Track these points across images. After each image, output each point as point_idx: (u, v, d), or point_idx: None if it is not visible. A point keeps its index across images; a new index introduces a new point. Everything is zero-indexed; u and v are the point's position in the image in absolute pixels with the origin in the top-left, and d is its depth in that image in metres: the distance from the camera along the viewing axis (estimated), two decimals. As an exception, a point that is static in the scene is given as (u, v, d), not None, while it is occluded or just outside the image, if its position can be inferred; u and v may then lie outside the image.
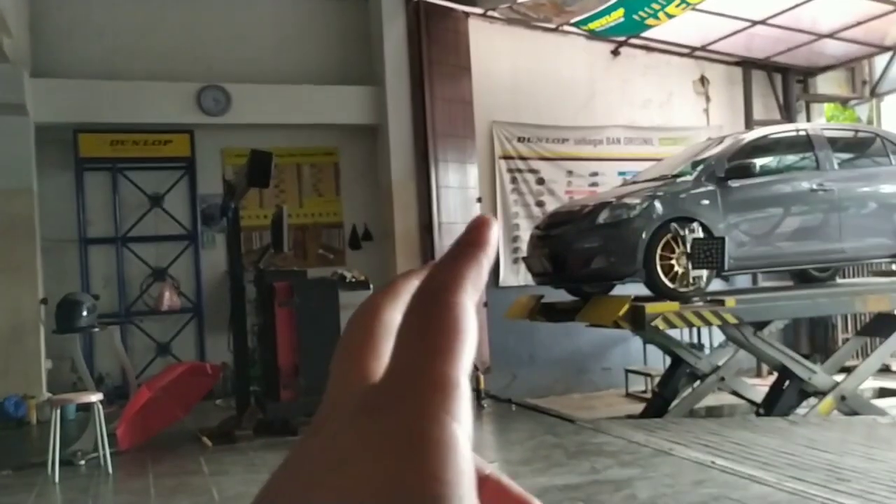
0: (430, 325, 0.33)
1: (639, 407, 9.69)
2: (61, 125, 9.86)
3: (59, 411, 6.62)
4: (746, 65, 12.67)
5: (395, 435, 0.30)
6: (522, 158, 11.81)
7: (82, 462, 6.88)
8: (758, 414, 8.39)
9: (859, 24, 10.93)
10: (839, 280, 10.01)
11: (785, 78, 12.84)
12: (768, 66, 12.70)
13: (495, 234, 0.37)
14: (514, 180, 11.81)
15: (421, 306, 0.34)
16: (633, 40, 11.90)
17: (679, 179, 8.11)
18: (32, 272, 9.45)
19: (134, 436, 7.22)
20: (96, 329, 7.94)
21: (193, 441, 7.48)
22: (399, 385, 0.32)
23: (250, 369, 8.48)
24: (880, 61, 12.21)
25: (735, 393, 8.95)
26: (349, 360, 0.36)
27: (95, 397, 6.77)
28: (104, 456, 6.59)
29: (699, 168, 8.13)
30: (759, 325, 8.34)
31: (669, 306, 7.51)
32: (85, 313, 7.73)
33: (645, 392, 10.79)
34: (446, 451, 0.29)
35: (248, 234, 10.20)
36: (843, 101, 12.88)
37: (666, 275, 7.60)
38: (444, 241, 10.56)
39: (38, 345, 9.37)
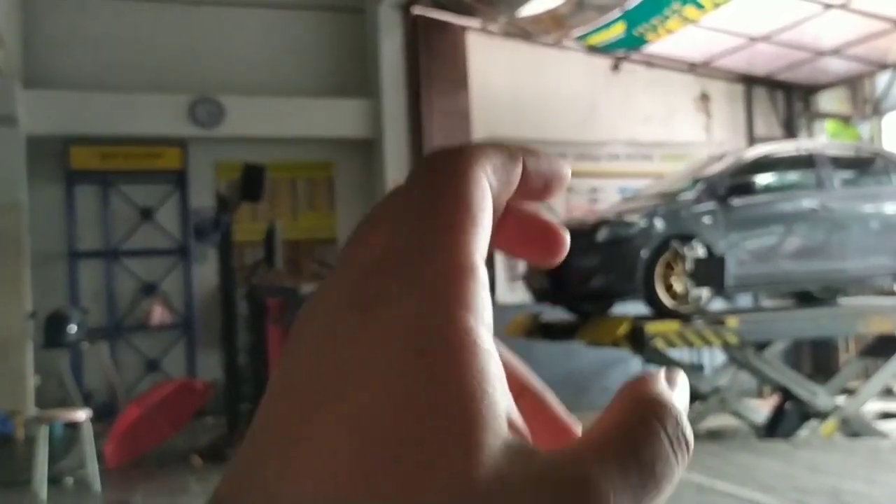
0: (433, 198, 0.28)
1: (638, 428, 9.57)
2: (52, 137, 9.79)
3: (46, 428, 6.52)
4: (748, 81, 12.63)
5: (400, 339, 0.25)
6: (520, 174, 11.73)
7: (70, 480, 6.83)
8: (759, 436, 8.30)
9: (861, 41, 10.89)
10: (841, 300, 9.93)
11: (787, 95, 12.80)
12: (770, 83, 12.66)
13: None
14: (512, 196, 11.71)
15: (421, 176, 0.29)
16: (633, 55, 11.85)
17: (679, 197, 8.06)
18: (21, 286, 9.32)
19: (122, 454, 7.19)
20: (85, 344, 7.83)
21: (183, 459, 7.43)
22: (399, 273, 0.26)
23: (242, 387, 8.37)
24: (883, 79, 12.16)
25: (736, 414, 8.84)
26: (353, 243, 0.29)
27: (83, 414, 6.70)
28: (92, 474, 6.56)
29: (700, 185, 8.09)
30: (761, 346, 8.28)
31: (669, 325, 7.48)
32: (74, 328, 7.63)
33: (644, 412, 10.65)
34: (465, 353, 0.25)
35: (240, 249, 10.06)
36: (846, 119, 12.82)
37: (666, 293, 7.53)
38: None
39: (26, 360, 9.23)
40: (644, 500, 0.25)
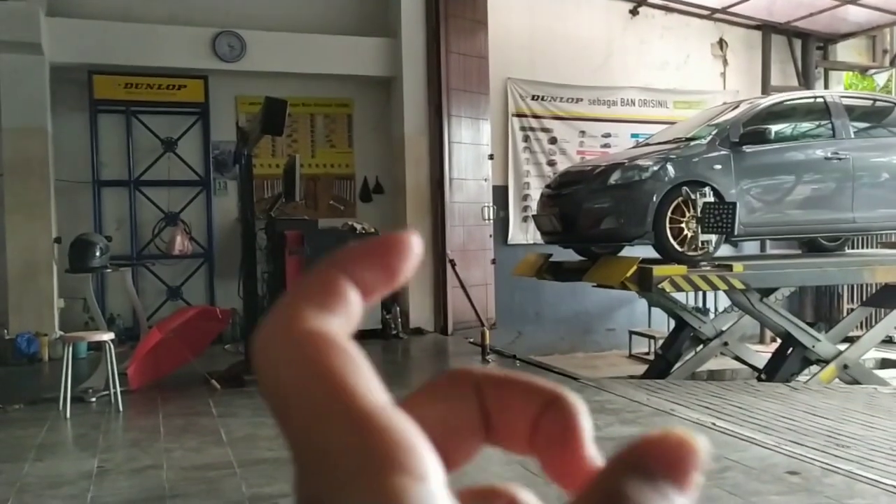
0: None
1: (641, 368, 9.76)
2: (76, 65, 9.84)
3: (70, 348, 6.69)
4: (766, 29, 12.54)
5: None
6: (536, 117, 11.79)
7: (93, 399, 6.96)
8: (759, 379, 8.44)
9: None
10: (848, 250, 10.00)
11: (805, 44, 12.71)
12: (788, 32, 12.57)
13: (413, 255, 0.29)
14: (526, 138, 11.80)
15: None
16: (652, 0, 11.78)
17: (692, 143, 8.08)
18: (46, 212, 9.51)
19: (144, 375, 7.27)
20: (109, 270, 7.99)
21: (202, 383, 7.55)
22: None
23: (259, 315, 8.54)
24: (902, 30, 12.08)
25: (738, 358, 8.99)
26: None
27: (107, 336, 6.80)
28: (115, 394, 6.65)
29: (713, 132, 8.09)
30: (766, 292, 8.35)
31: (677, 269, 7.54)
32: (98, 254, 7.77)
33: (648, 354, 10.86)
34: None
35: (260, 183, 10.20)
36: (863, 70, 12.75)
37: (675, 238, 7.61)
38: (455, 196, 10.59)
39: (51, 283, 9.46)
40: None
